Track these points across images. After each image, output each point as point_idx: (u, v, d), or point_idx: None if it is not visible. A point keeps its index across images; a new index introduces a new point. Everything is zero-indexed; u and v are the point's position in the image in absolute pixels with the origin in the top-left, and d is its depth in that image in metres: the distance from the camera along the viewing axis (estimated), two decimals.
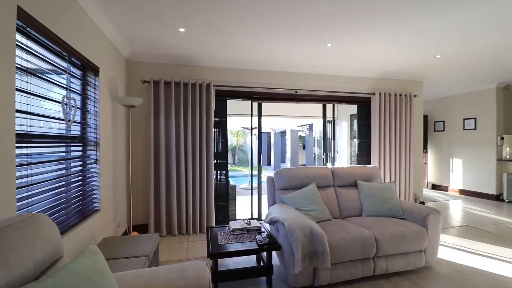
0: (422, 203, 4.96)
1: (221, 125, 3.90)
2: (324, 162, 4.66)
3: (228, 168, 3.96)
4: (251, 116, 4.09)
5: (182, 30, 2.82)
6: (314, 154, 8.56)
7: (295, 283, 2.15)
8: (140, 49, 3.39)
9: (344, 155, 5.86)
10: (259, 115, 4.12)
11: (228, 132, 3.98)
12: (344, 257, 2.19)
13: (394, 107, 4.58)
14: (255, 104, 4.10)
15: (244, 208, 4.80)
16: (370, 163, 4.60)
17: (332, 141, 4.97)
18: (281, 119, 8.83)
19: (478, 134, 5.76)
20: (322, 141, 4.71)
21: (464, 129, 6.05)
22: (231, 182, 4.17)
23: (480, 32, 2.89)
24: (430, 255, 2.49)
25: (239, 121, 9.22)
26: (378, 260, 2.33)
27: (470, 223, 4.07)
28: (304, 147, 14.00)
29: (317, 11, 2.42)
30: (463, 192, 6.06)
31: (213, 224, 3.65)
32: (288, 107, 6.40)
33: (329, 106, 4.64)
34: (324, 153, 4.69)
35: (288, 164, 12.72)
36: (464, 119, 6.04)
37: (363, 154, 4.68)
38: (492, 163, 5.51)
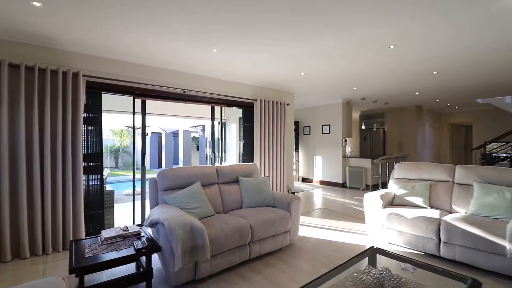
0: (293, 193, 5.93)
1: (95, 122, 3.40)
2: (212, 161, 4.84)
3: (107, 172, 3.50)
4: (133, 114, 3.76)
5: (37, 4, 2.30)
6: (206, 154, 8.71)
7: (176, 281, 2.16)
8: None
9: (233, 155, 6.26)
10: (143, 113, 3.85)
11: (108, 131, 3.54)
12: (224, 246, 2.37)
13: (272, 113, 5.29)
14: (138, 101, 3.81)
15: (126, 215, 4.37)
16: (253, 161, 5.11)
17: (221, 141, 5.22)
18: (172, 119, 8.50)
19: (331, 137, 7.43)
20: (211, 141, 4.88)
21: (322, 133, 7.65)
22: (108, 187, 3.70)
23: (328, 60, 3.75)
24: (293, 234, 3.05)
25: (122, 119, 8.24)
26: (253, 245, 2.65)
27: (324, 205, 5.19)
28: (198, 148, 13.96)
29: (201, 16, 2.51)
30: (322, 182, 7.66)
31: (83, 236, 3.13)
32: (178, 107, 6.25)
33: (218, 108, 4.86)
34: (213, 153, 4.87)
35: (181, 166, 12.36)
36: (322, 125, 7.64)
37: (247, 153, 5.17)
38: (339, 159, 7.22)
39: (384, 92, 6.25)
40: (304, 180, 8.26)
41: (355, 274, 1.80)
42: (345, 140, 7.33)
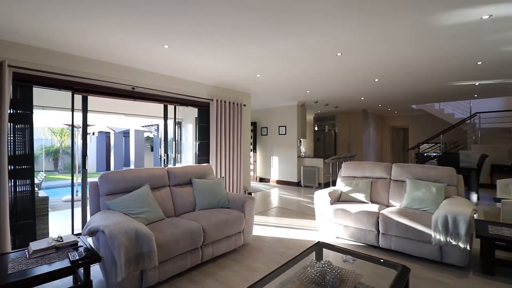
0: (250, 193, 5.98)
1: (25, 120, 2.99)
2: (165, 163, 4.63)
3: (42, 176, 3.10)
4: (72, 111, 3.39)
5: None
6: (160, 155, 8.31)
7: None
8: None
9: (189, 155, 6.07)
10: (84, 110, 3.51)
11: (46, 130, 3.14)
12: (174, 251, 2.27)
13: (229, 113, 5.26)
14: (78, 97, 3.46)
15: (65, 224, 3.93)
16: (209, 162, 5.02)
17: (174, 142, 5.02)
18: (121, 118, 7.91)
19: (287, 138, 7.68)
20: (164, 142, 4.67)
21: (279, 134, 7.87)
22: (42, 193, 3.28)
23: (281, 64, 3.86)
24: (247, 234, 3.06)
25: (62, 117, 7.43)
26: (206, 247, 2.59)
27: (280, 204, 5.34)
28: (152, 149, 13.22)
29: (150, 8, 2.37)
30: (278, 182, 7.87)
31: (8, 250, 2.72)
32: (128, 105, 5.83)
33: (171, 108, 4.66)
34: (165, 154, 4.66)
35: (132, 168, 11.54)
36: (279, 126, 7.86)
37: (203, 154, 5.06)
38: (294, 159, 7.51)
39: (334, 96, 6.67)
40: (261, 180, 8.39)
41: (309, 269, 1.88)
42: (300, 141, 7.65)
